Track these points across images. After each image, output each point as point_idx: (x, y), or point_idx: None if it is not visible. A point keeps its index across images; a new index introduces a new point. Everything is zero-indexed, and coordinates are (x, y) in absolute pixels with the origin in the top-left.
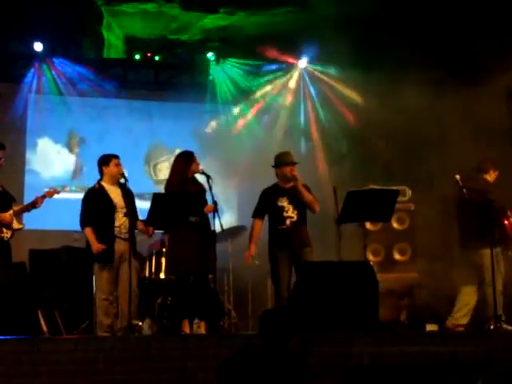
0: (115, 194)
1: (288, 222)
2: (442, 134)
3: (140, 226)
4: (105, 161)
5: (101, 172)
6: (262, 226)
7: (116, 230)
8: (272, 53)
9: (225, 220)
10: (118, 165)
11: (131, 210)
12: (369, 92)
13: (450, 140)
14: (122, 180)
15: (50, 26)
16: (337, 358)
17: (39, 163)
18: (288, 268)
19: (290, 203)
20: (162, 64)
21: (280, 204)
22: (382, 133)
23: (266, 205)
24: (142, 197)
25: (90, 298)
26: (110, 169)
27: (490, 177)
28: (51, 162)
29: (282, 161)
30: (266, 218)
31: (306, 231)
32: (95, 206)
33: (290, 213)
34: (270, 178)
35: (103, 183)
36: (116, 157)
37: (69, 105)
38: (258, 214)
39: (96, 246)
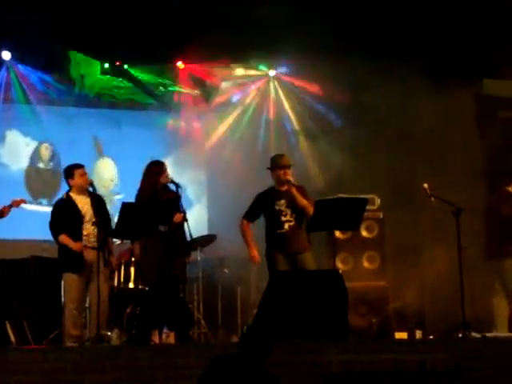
0: (83, 204)
1: (286, 226)
2: (412, 141)
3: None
4: (69, 173)
5: (68, 184)
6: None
7: (84, 239)
8: (240, 59)
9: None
10: (82, 175)
11: (101, 218)
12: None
13: (420, 146)
14: (91, 189)
15: (18, 35)
16: (306, 366)
17: (7, 155)
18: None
19: (287, 207)
20: (130, 72)
21: (278, 208)
22: (349, 140)
23: (262, 208)
24: None
25: (59, 308)
26: (75, 181)
27: None
28: (20, 154)
29: (274, 164)
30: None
31: (305, 236)
32: (63, 216)
33: (288, 217)
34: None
35: (71, 193)
36: (80, 167)
37: (37, 114)
38: (249, 216)
39: (76, 246)
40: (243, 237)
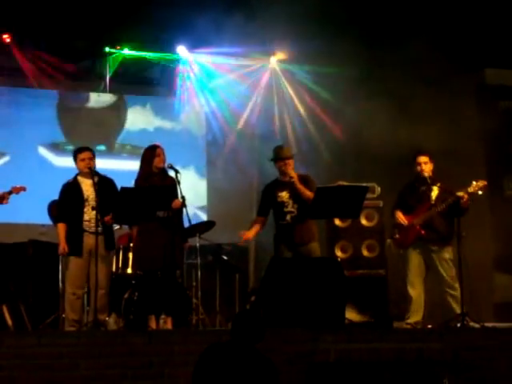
0: (88, 187)
1: (288, 217)
2: (413, 129)
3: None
4: (73, 157)
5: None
6: (265, 223)
7: (85, 223)
8: (242, 49)
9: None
10: (82, 160)
11: (103, 203)
12: (342, 92)
13: (421, 135)
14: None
15: (18, 17)
16: (302, 354)
17: None
18: None
19: (289, 198)
20: (132, 57)
21: (280, 199)
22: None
23: (268, 201)
24: None
25: (56, 292)
26: (77, 164)
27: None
28: None
29: (275, 156)
30: None
31: (309, 226)
32: (67, 199)
33: (290, 207)
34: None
35: (78, 176)
36: (81, 151)
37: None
38: (260, 212)
39: (61, 247)
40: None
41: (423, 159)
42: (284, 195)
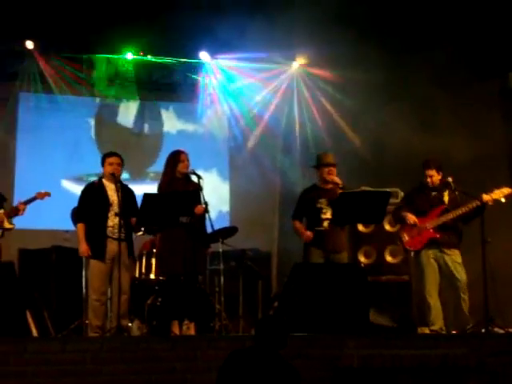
0: (113, 193)
1: (326, 223)
2: (435, 132)
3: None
4: (101, 160)
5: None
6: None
7: (109, 229)
8: (264, 54)
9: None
10: (111, 164)
11: (125, 210)
12: (363, 98)
13: (444, 142)
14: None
15: (41, 24)
16: (326, 359)
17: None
18: None
19: (328, 205)
20: (155, 63)
21: (318, 205)
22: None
23: (306, 205)
24: None
25: (80, 298)
26: (105, 168)
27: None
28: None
29: (319, 162)
30: None
31: (343, 235)
32: (91, 200)
33: (329, 215)
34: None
35: (104, 180)
36: (110, 155)
37: (60, 103)
38: (297, 215)
39: (83, 247)
40: (297, 232)
41: (430, 173)
42: (323, 201)
